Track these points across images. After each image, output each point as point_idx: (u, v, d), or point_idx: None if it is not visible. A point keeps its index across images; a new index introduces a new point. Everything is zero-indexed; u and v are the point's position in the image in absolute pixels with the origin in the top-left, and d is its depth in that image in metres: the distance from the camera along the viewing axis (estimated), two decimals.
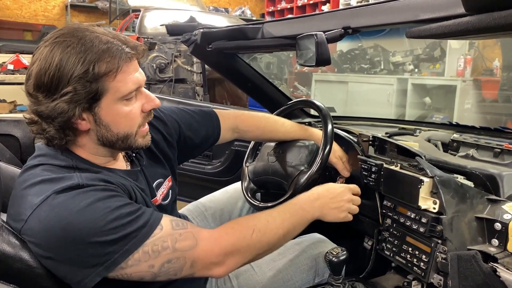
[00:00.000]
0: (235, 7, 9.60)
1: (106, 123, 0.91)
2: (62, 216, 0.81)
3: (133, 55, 0.91)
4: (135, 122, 0.95)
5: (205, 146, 1.36)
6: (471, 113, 3.94)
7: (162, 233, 0.87)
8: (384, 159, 1.27)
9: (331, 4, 7.04)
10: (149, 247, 0.85)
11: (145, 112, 0.97)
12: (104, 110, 0.90)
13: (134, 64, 0.92)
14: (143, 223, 0.86)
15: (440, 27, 0.67)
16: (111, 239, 0.82)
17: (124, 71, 0.88)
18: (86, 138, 0.93)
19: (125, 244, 0.83)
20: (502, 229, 0.92)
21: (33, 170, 0.90)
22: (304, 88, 5.91)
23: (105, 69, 0.85)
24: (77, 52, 0.84)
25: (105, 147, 0.96)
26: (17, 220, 0.85)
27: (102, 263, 0.82)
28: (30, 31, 7.79)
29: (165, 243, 0.86)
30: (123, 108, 0.91)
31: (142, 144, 0.99)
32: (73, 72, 0.83)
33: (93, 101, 0.88)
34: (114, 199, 0.86)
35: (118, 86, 0.88)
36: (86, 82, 0.84)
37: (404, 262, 1.10)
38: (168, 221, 0.90)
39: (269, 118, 1.46)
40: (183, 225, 0.91)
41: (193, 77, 4.32)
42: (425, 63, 4.41)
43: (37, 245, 0.83)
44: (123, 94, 0.89)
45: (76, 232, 0.80)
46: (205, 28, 1.52)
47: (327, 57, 1.03)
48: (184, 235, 0.89)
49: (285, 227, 1.01)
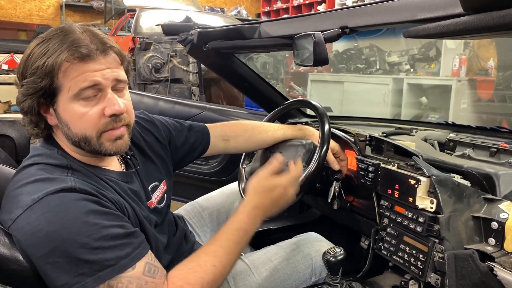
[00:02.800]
0: (231, 7, 9.60)
1: (65, 121, 0.91)
2: (51, 222, 0.80)
3: (93, 53, 0.88)
4: (91, 124, 0.91)
5: (196, 154, 1.36)
6: (467, 112, 3.96)
7: (133, 273, 0.85)
8: (381, 159, 1.27)
9: (326, 4, 7.05)
10: (116, 282, 0.83)
11: (107, 116, 0.91)
12: (61, 108, 0.90)
13: (99, 63, 0.89)
14: (125, 254, 0.85)
15: (438, 26, 0.67)
16: (90, 259, 0.81)
17: (75, 69, 0.87)
18: (59, 132, 0.95)
19: (100, 270, 0.81)
20: (499, 228, 0.92)
21: (28, 169, 0.90)
22: (300, 88, 5.92)
23: (52, 65, 0.86)
24: (45, 46, 0.87)
25: (75, 146, 0.94)
26: (7, 219, 0.85)
27: (71, 285, 0.80)
28: (25, 31, 7.74)
29: (130, 285, 0.84)
30: (79, 108, 0.89)
31: (110, 150, 0.94)
32: (33, 64, 0.87)
33: (49, 97, 0.89)
34: (105, 217, 0.85)
35: (70, 83, 0.88)
36: (37, 77, 0.86)
37: (401, 261, 1.10)
38: (144, 263, 0.88)
39: (256, 122, 1.47)
40: (153, 272, 0.89)
41: (189, 77, 4.32)
42: (421, 63, 4.44)
43: (21, 244, 0.83)
44: (74, 92, 0.88)
45: (60, 241, 0.80)
46: (202, 28, 1.52)
47: (325, 57, 1.03)
48: (149, 284, 0.87)
49: (232, 259, 0.98)
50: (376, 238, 1.22)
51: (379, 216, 1.23)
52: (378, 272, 1.32)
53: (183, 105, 2.26)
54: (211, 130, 1.38)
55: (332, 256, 1.06)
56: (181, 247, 1.23)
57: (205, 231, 1.47)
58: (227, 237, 0.99)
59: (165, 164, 1.24)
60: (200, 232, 1.46)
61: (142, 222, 1.00)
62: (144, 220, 1.01)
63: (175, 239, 1.21)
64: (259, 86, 1.81)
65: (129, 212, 0.96)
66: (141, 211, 1.02)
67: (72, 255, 0.80)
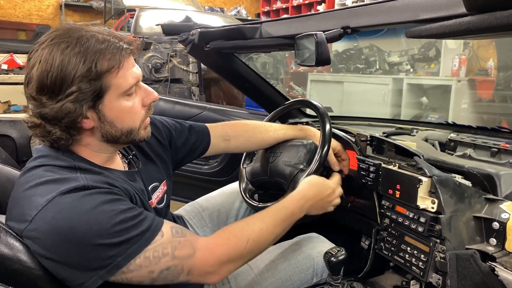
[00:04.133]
0: (231, 7, 9.59)
1: (111, 119, 0.93)
2: (68, 217, 0.81)
3: (131, 50, 0.93)
4: (137, 116, 0.97)
5: (196, 154, 1.37)
6: (466, 112, 3.96)
7: (163, 240, 0.88)
8: (382, 159, 1.27)
9: (326, 4, 7.05)
10: (151, 252, 0.86)
11: (145, 106, 0.98)
12: (108, 107, 0.91)
13: (132, 60, 0.94)
14: (146, 227, 0.87)
15: (441, 27, 0.67)
16: (115, 242, 0.82)
17: (124, 67, 0.90)
18: (90, 136, 0.94)
19: (128, 248, 0.84)
20: (500, 228, 0.92)
21: (35, 171, 0.89)
22: (299, 88, 5.92)
23: (107, 66, 0.87)
24: (76, 52, 0.85)
25: (108, 143, 0.97)
26: (20, 221, 0.84)
27: (105, 266, 0.82)
28: (24, 31, 7.72)
29: (165, 250, 0.87)
30: (125, 104, 0.93)
31: (144, 136, 1.01)
32: (76, 72, 0.84)
33: (97, 99, 0.89)
34: (119, 203, 0.87)
35: (119, 82, 0.90)
36: (90, 80, 0.86)
37: (402, 261, 1.10)
38: (169, 227, 0.91)
39: (257, 122, 1.48)
40: (182, 232, 0.93)
41: (189, 77, 4.31)
42: (420, 63, 4.44)
43: (41, 245, 0.82)
44: (125, 90, 0.91)
45: (82, 234, 0.81)
46: (203, 28, 1.51)
47: (327, 57, 1.03)
48: (183, 243, 0.90)
49: (276, 233, 1.05)
50: (377, 238, 1.22)
51: (380, 216, 1.23)
52: (379, 272, 1.32)
53: (183, 105, 2.26)
54: (212, 130, 1.38)
55: (333, 256, 1.06)
56: None
57: (205, 231, 1.47)
58: (276, 211, 1.08)
59: (166, 164, 1.24)
60: (200, 232, 1.46)
61: None
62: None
63: None
64: (260, 86, 1.81)
65: (138, 204, 0.98)
66: (149, 207, 1.04)
67: (97, 242, 0.81)
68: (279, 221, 1.06)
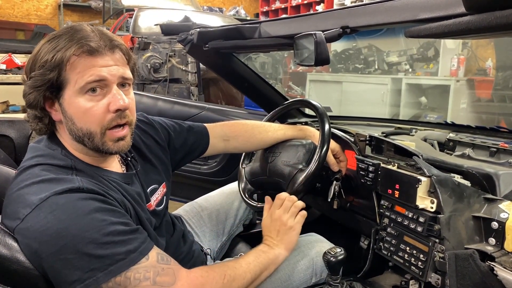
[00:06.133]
0: (229, 6, 9.59)
1: (70, 115, 0.92)
2: (60, 219, 0.81)
3: (101, 48, 0.90)
4: (96, 119, 0.92)
5: (195, 155, 1.36)
6: (465, 112, 3.97)
7: (147, 263, 0.87)
8: (381, 159, 1.27)
9: (325, 4, 7.05)
10: (132, 273, 0.85)
11: (111, 111, 0.92)
12: (67, 102, 0.91)
13: (106, 59, 0.91)
14: (133, 248, 0.86)
15: (440, 26, 0.67)
16: (100, 254, 0.81)
17: (82, 63, 0.89)
18: (63, 131, 0.95)
19: (111, 265, 0.82)
20: (499, 228, 0.92)
21: (31, 170, 0.89)
22: (298, 88, 5.92)
23: (60, 58, 0.87)
24: (55, 42, 0.88)
25: (79, 143, 0.95)
26: (13, 218, 0.85)
27: (83, 280, 0.81)
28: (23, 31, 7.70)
29: (147, 274, 0.86)
30: (84, 103, 0.91)
31: (112, 149, 0.95)
32: (41, 59, 0.88)
33: (55, 90, 0.90)
34: (112, 214, 0.87)
35: (76, 77, 0.89)
36: (46, 70, 0.88)
37: (401, 261, 1.10)
38: (155, 253, 0.90)
39: (256, 122, 1.47)
40: (167, 260, 0.92)
41: (187, 77, 4.31)
42: (419, 63, 4.44)
43: (29, 243, 0.82)
44: (81, 86, 0.89)
45: (70, 237, 0.80)
46: (202, 28, 1.51)
47: (326, 57, 1.02)
48: (166, 270, 0.90)
49: (251, 270, 1.05)
50: (376, 238, 1.22)
51: (379, 216, 1.23)
52: (379, 272, 1.32)
53: (182, 105, 2.25)
54: (211, 131, 1.38)
55: (332, 256, 1.06)
56: (179, 247, 1.23)
57: (204, 231, 1.46)
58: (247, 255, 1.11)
59: (165, 166, 1.24)
60: (200, 232, 1.45)
61: (143, 223, 1.01)
62: (146, 221, 1.02)
63: (173, 239, 1.21)
64: (259, 86, 1.81)
65: (131, 212, 0.97)
66: (142, 213, 1.02)
67: (82, 250, 0.80)
68: (251, 259, 1.08)
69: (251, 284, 1.04)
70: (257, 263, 1.08)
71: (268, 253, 1.13)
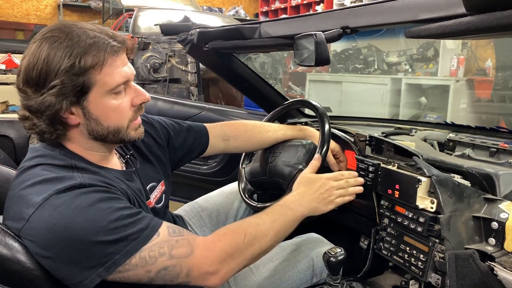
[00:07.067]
0: (229, 6, 9.59)
1: (96, 116, 0.92)
2: (65, 214, 0.81)
3: (119, 48, 0.92)
4: (124, 115, 0.96)
5: (194, 154, 1.36)
6: (465, 112, 3.97)
7: (159, 239, 0.87)
8: (381, 159, 1.27)
9: (325, 4, 7.05)
10: (146, 252, 0.85)
11: (135, 106, 0.97)
12: (93, 104, 0.91)
13: (122, 58, 0.93)
14: (144, 226, 0.87)
15: (441, 27, 0.67)
16: (112, 239, 0.82)
17: (110, 64, 0.89)
18: (77, 132, 0.94)
19: (126, 245, 0.83)
20: (499, 228, 0.92)
21: (32, 171, 0.89)
22: (298, 88, 5.92)
23: (91, 62, 0.87)
24: (64, 46, 0.86)
25: (97, 141, 0.96)
26: (17, 219, 0.84)
27: (102, 264, 0.82)
28: (22, 31, 7.71)
29: (162, 249, 0.86)
30: (112, 102, 0.92)
31: (134, 137, 1.00)
32: (60, 66, 0.85)
33: (80, 95, 0.89)
34: (116, 201, 0.87)
35: (105, 79, 0.89)
36: (73, 76, 0.86)
37: (401, 261, 1.10)
38: (165, 227, 0.91)
39: (256, 122, 1.47)
40: (179, 231, 0.92)
41: (187, 77, 4.31)
42: (419, 63, 4.44)
43: (38, 244, 0.82)
44: (111, 87, 0.90)
45: (79, 231, 0.80)
46: (202, 28, 1.51)
47: (327, 57, 1.03)
48: (181, 242, 0.89)
49: (275, 228, 1.02)
50: (376, 238, 1.22)
51: (379, 216, 1.23)
52: (378, 272, 1.32)
53: (182, 105, 2.25)
54: (211, 130, 1.38)
55: (332, 257, 1.06)
56: None
57: (204, 231, 1.47)
58: (271, 209, 1.08)
59: (163, 165, 1.24)
60: (200, 232, 1.46)
61: None
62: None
63: None
64: (259, 86, 1.81)
65: (135, 205, 0.98)
66: (145, 207, 1.03)
67: (94, 239, 0.81)
68: (277, 217, 1.04)
69: (274, 243, 1.02)
70: (282, 221, 1.04)
71: (295, 210, 1.09)
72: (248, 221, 1.02)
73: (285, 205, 1.10)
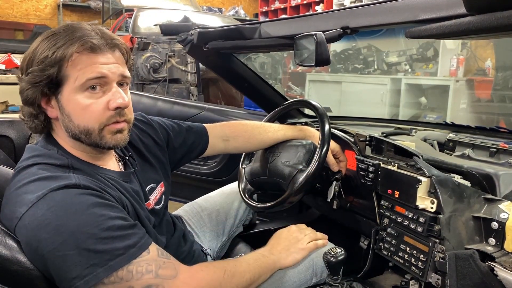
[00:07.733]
0: (229, 7, 9.59)
1: (68, 112, 0.92)
2: (58, 215, 0.81)
3: (102, 46, 0.91)
4: (95, 116, 0.92)
5: (194, 155, 1.36)
6: (465, 112, 3.97)
7: (149, 257, 0.87)
8: (381, 159, 1.27)
9: (325, 4, 7.05)
10: (134, 266, 0.84)
11: (111, 109, 0.93)
12: (65, 98, 0.91)
13: (107, 57, 0.92)
14: (132, 243, 0.86)
15: (441, 27, 0.67)
16: (99, 249, 0.81)
17: (84, 60, 0.89)
18: (60, 128, 0.95)
19: (110, 260, 0.82)
20: (499, 228, 0.92)
21: (29, 170, 0.89)
22: (298, 88, 5.92)
23: (60, 55, 0.87)
24: (54, 39, 0.88)
25: (75, 141, 0.95)
26: (11, 218, 0.85)
27: (83, 276, 0.80)
28: (22, 31, 7.70)
29: (149, 267, 0.86)
30: (83, 100, 0.91)
31: (110, 143, 0.95)
32: (39, 56, 0.88)
33: (53, 86, 0.90)
34: (110, 209, 0.87)
35: (76, 74, 0.89)
36: (46, 66, 0.87)
37: (402, 261, 1.10)
38: (155, 248, 0.91)
39: (256, 123, 1.47)
40: (166, 255, 0.93)
41: (187, 77, 4.31)
42: (419, 63, 4.44)
43: (28, 243, 0.82)
44: (81, 83, 0.89)
45: (69, 234, 0.80)
46: (202, 28, 1.51)
47: (327, 57, 1.03)
48: (167, 263, 0.90)
49: (251, 271, 1.05)
50: (376, 238, 1.22)
51: (379, 216, 1.23)
52: (379, 272, 1.32)
53: (182, 105, 2.25)
54: (211, 131, 1.38)
55: (332, 257, 1.06)
56: (180, 247, 1.23)
57: (204, 231, 1.46)
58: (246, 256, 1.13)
59: (163, 165, 1.24)
60: (200, 232, 1.45)
61: (143, 220, 1.01)
62: (145, 218, 1.02)
63: (173, 239, 1.22)
64: (259, 87, 1.81)
65: (129, 209, 0.97)
66: (141, 210, 1.02)
67: (81, 246, 0.80)
68: (251, 261, 1.09)
69: (249, 285, 1.04)
70: (256, 265, 1.08)
71: (268, 258, 1.14)
72: (226, 261, 1.08)
73: (259, 253, 1.15)
